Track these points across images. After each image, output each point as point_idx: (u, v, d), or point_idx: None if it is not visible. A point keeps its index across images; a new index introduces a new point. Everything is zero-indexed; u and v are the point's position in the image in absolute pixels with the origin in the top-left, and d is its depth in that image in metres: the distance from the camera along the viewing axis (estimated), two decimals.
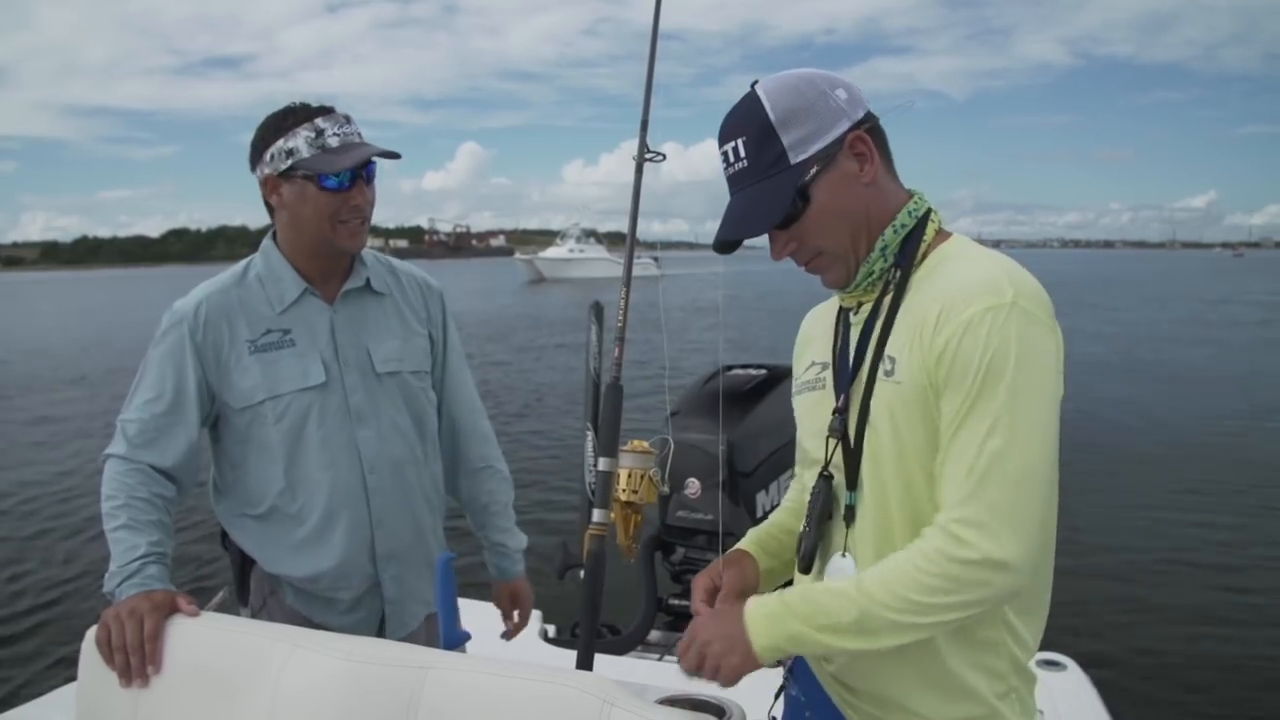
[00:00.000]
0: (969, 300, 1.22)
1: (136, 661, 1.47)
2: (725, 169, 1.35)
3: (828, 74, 1.34)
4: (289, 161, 1.81)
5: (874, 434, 1.31)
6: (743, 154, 1.32)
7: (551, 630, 3.43)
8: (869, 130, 1.32)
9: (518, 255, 78.62)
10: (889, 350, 1.30)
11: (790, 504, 1.65)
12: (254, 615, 2.01)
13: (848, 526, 1.35)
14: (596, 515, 1.50)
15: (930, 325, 1.25)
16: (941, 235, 1.37)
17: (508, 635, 2.24)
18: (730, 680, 1.31)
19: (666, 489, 1.63)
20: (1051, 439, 1.21)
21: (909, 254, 1.34)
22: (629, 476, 1.54)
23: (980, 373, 1.20)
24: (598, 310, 2.06)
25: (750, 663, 1.29)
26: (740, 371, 4.05)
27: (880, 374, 1.30)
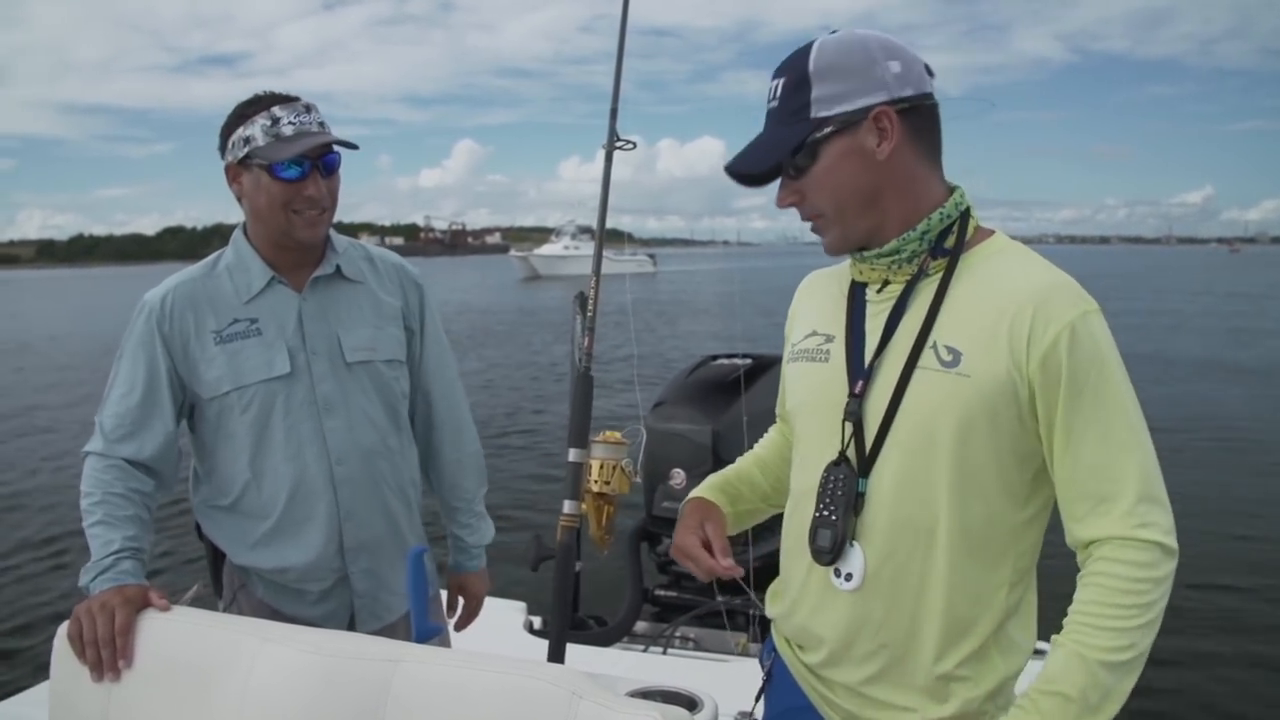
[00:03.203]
0: (1066, 303, 1.23)
1: (108, 655, 1.46)
2: (766, 104, 1.35)
3: (891, 44, 1.30)
4: (246, 149, 1.80)
5: (914, 424, 1.28)
6: (778, 94, 1.32)
7: (537, 622, 3.42)
8: (907, 111, 1.28)
9: (513, 252, 78.25)
10: (944, 340, 1.27)
11: (761, 454, 1.66)
12: (226, 608, 2.00)
13: (856, 515, 1.33)
14: (567, 506, 1.50)
15: (1022, 323, 1.23)
16: (983, 231, 1.36)
17: (456, 627, 2.22)
18: None
19: (639, 479, 1.62)
20: None
21: (954, 249, 1.32)
22: (600, 467, 1.52)
23: (1099, 377, 1.21)
24: (582, 301, 2.05)
25: None
26: (725, 361, 4.05)
27: (932, 363, 1.27)
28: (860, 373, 1.33)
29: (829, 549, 1.33)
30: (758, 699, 1.57)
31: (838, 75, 1.27)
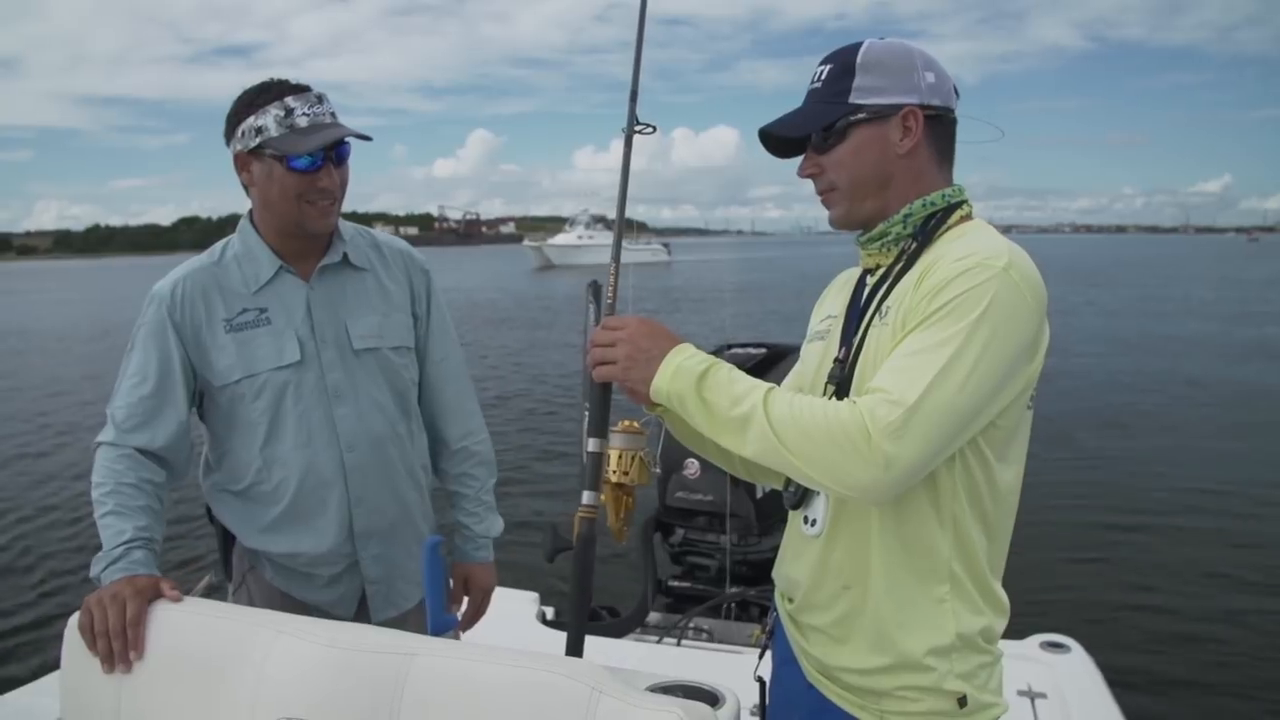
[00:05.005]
0: (966, 257, 1.30)
1: (119, 647, 1.45)
2: (809, 85, 1.50)
3: (931, 59, 1.45)
4: (258, 140, 1.79)
5: (861, 376, 1.39)
6: (823, 77, 1.47)
7: (550, 613, 3.41)
8: (932, 117, 1.43)
9: (526, 242, 78.46)
10: (888, 301, 1.40)
11: None
12: (234, 591, 2.01)
13: None
14: (586, 497, 1.47)
15: (927, 270, 1.33)
16: (967, 219, 1.46)
17: (462, 625, 2.14)
18: (600, 377, 1.43)
19: (659, 470, 1.59)
20: (986, 399, 1.26)
21: (929, 231, 1.43)
22: (619, 457, 1.50)
23: (949, 307, 1.26)
24: (595, 289, 2.03)
25: (639, 390, 1.39)
26: (740, 350, 4.02)
27: (875, 321, 1.40)
28: (847, 343, 1.46)
29: (795, 491, 1.49)
30: (761, 655, 1.67)
31: (881, 71, 1.43)
